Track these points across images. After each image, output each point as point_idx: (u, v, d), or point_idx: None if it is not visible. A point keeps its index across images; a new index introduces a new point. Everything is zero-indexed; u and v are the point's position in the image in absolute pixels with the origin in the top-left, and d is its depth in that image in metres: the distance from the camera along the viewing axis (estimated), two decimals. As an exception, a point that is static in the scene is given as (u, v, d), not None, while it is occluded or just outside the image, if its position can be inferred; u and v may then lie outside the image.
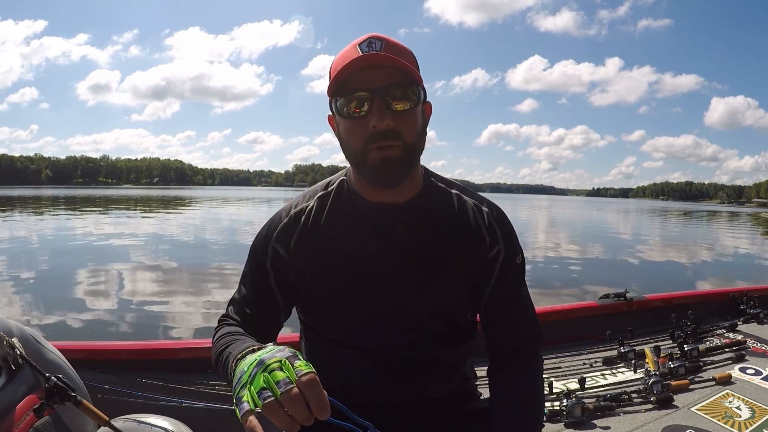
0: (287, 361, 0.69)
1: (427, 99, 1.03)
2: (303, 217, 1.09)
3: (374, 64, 0.92)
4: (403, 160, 0.97)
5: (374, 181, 1.00)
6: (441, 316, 1.09)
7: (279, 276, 1.09)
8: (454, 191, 1.13)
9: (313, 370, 0.69)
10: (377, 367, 1.09)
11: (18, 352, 1.36)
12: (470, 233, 1.08)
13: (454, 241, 1.07)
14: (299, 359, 0.70)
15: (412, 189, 1.07)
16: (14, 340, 1.38)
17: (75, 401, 1.28)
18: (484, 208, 1.11)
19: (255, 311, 1.11)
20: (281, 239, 1.09)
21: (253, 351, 0.76)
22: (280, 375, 0.67)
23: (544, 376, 2.44)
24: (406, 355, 1.09)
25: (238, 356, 0.77)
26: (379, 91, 0.93)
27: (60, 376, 1.31)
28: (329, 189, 1.12)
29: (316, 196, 1.12)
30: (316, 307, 1.12)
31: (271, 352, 0.71)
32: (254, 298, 1.12)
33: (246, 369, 0.71)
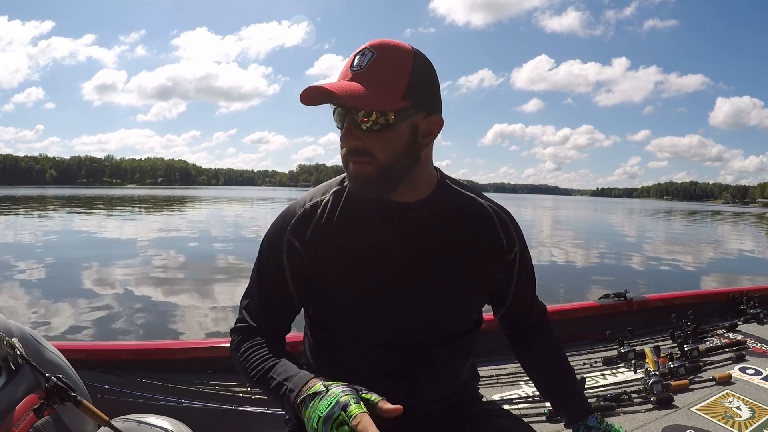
0: (344, 414, 0.80)
1: (436, 112, 1.00)
2: (319, 210, 1.10)
3: (337, 94, 0.90)
4: (376, 178, 0.98)
5: (351, 190, 1.05)
6: (447, 315, 1.10)
7: (294, 270, 1.10)
8: (467, 193, 1.15)
9: (364, 410, 0.81)
10: (380, 364, 1.10)
11: (18, 352, 1.37)
12: (484, 234, 1.11)
13: (466, 241, 1.09)
14: (353, 401, 0.82)
15: (424, 189, 1.07)
16: (14, 340, 1.38)
17: (75, 401, 1.28)
18: (500, 211, 1.15)
19: (270, 311, 1.12)
20: (296, 232, 1.09)
21: (312, 396, 0.87)
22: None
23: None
24: (410, 352, 1.09)
25: (297, 398, 0.90)
26: (351, 111, 0.95)
27: (60, 376, 1.31)
28: (344, 185, 1.12)
29: (332, 190, 1.12)
30: (324, 298, 1.11)
31: (330, 408, 0.82)
32: (269, 297, 1.12)
33: (316, 426, 0.82)
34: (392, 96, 0.93)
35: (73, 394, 1.28)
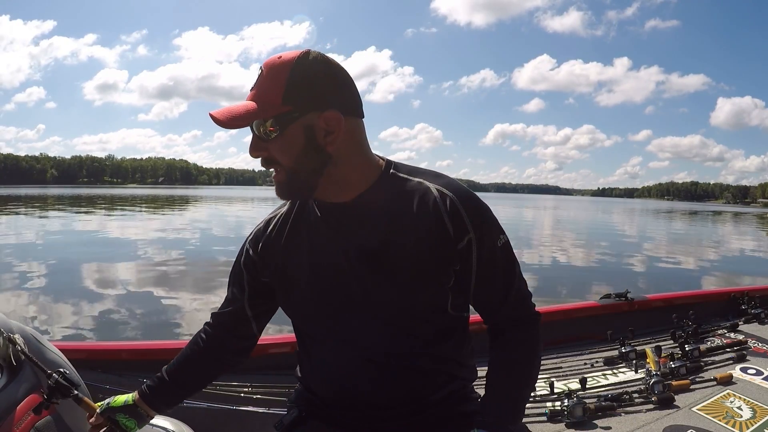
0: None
1: (330, 107, 0.98)
2: (272, 224, 1.17)
3: (221, 123, 0.96)
4: (287, 183, 1.02)
5: (276, 195, 1.08)
6: (408, 314, 1.07)
7: (250, 275, 1.20)
8: (416, 179, 1.08)
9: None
10: (359, 368, 1.10)
11: (20, 348, 1.36)
12: (431, 224, 1.03)
13: (410, 235, 1.03)
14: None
15: (359, 186, 1.06)
16: (17, 336, 1.37)
17: (76, 399, 1.27)
18: (449, 194, 1.05)
19: (224, 307, 1.27)
20: (252, 242, 1.20)
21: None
22: None
23: (545, 376, 2.45)
24: (382, 355, 1.08)
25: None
26: (252, 127, 1.00)
27: (62, 370, 1.30)
28: None
29: (289, 201, 1.17)
30: (290, 308, 1.18)
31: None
32: (230, 295, 1.26)
33: None
34: (271, 104, 0.97)
35: (75, 392, 1.27)
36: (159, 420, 1.55)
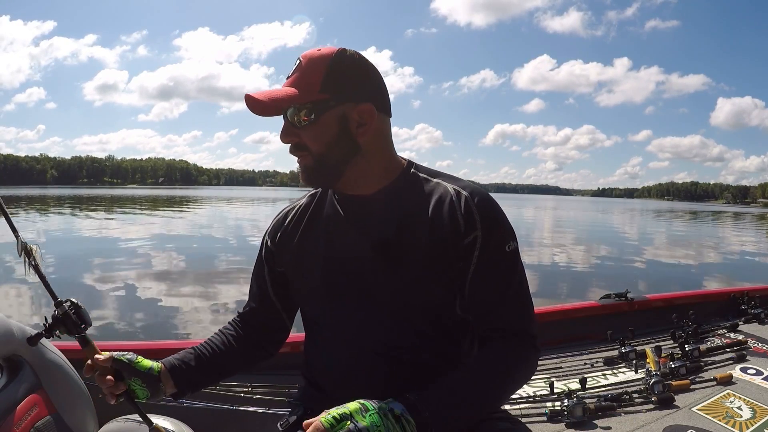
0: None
1: (365, 101, 1.04)
2: (290, 215, 1.21)
3: (261, 104, 1.01)
4: (315, 168, 1.06)
5: (301, 182, 1.11)
6: (417, 311, 1.07)
7: (269, 266, 1.24)
8: (435, 180, 1.12)
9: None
10: (364, 360, 1.09)
11: (34, 262, 1.25)
12: (444, 221, 1.04)
13: (424, 230, 1.05)
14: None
15: (381, 180, 1.10)
16: (34, 247, 1.26)
17: (83, 340, 1.18)
18: (464, 194, 1.06)
19: (249, 302, 1.30)
20: (271, 233, 1.23)
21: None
22: None
23: (545, 376, 2.44)
24: (388, 348, 1.08)
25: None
26: (284, 112, 1.04)
27: (75, 301, 1.22)
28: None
29: (310, 193, 1.21)
30: (302, 299, 1.21)
31: None
32: (255, 289, 1.28)
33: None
34: (309, 90, 1.01)
35: (84, 333, 1.18)
36: (159, 420, 1.54)
